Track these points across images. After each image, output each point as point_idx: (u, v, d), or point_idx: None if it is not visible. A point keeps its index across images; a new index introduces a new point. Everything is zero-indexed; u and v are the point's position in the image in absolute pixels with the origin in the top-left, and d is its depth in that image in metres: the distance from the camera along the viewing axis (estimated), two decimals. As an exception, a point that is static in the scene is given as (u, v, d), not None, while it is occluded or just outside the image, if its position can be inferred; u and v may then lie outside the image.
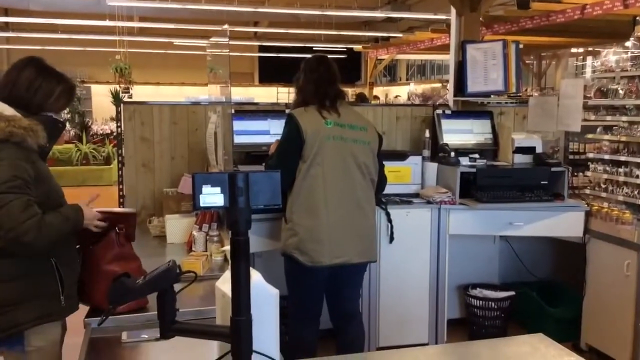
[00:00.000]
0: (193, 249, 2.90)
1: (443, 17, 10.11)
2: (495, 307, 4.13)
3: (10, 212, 1.87)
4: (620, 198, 4.08)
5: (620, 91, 4.34)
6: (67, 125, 11.16)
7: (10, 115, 1.99)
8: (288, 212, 3.03)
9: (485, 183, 3.86)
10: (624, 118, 4.24)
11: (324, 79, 3.11)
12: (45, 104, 2.11)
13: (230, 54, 3.11)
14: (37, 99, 2.09)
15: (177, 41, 15.25)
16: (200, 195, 1.28)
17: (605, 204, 4.01)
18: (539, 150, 4.09)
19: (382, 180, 3.25)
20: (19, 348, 2.02)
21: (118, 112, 3.90)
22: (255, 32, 17.96)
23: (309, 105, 3.07)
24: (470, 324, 4.28)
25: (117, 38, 13.52)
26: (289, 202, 3.01)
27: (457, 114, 4.39)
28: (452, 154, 3.99)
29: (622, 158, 4.16)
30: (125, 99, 11.32)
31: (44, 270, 2.04)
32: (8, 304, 1.97)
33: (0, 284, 1.97)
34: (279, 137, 3.16)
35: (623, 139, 4.20)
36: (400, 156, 4.06)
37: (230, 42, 3.15)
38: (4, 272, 1.97)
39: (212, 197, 1.29)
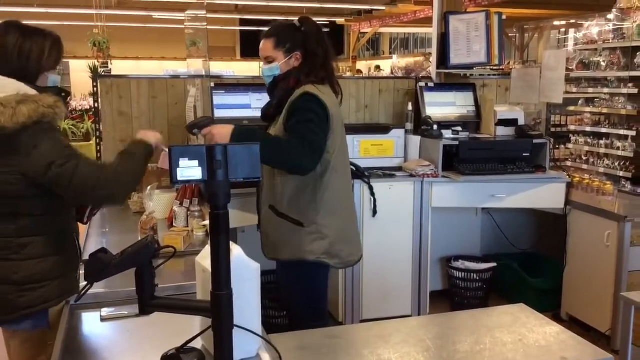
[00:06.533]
0: (174, 224, 2.87)
1: (426, -12, 10.02)
2: (477, 278, 4.16)
3: (83, 174, 1.87)
4: (601, 170, 4.12)
5: (602, 63, 4.35)
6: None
7: (34, 95, 1.87)
8: (309, 214, 2.49)
9: (468, 156, 3.86)
10: (606, 90, 4.27)
11: (331, 51, 2.61)
12: (41, 66, 1.98)
13: (211, 27, 3.02)
14: (32, 63, 1.96)
15: (156, 14, 14.95)
16: (178, 169, 1.25)
17: (587, 176, 4.04)
18: (521, 122, 4.10)
19: None
20: (44, 324, 1.99)
21: (94, 86, 3.82)
22: (237, 5, 17.66)
23: (324, 81, 2.52)
24: (452, 296, 4.32)
25: (94, 12, 13.22)
26: (307, 201, 2.48)
27: (439, 87, 4.37)
28: (435, 126, 3.98)
29: (604, 130, 4.20)
30: (103, 74, 11.10)
31: (70, 247, 2.05)
32: (37, 281, 1.93)
33: (32, 261, 1.93)
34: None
35: (604, 111, 4.23)
36: (383, 129, 4.04)
37: (211, 16, 3.07)
38: (36, 250, 1.93)
39: (190, 170, 1.26)
